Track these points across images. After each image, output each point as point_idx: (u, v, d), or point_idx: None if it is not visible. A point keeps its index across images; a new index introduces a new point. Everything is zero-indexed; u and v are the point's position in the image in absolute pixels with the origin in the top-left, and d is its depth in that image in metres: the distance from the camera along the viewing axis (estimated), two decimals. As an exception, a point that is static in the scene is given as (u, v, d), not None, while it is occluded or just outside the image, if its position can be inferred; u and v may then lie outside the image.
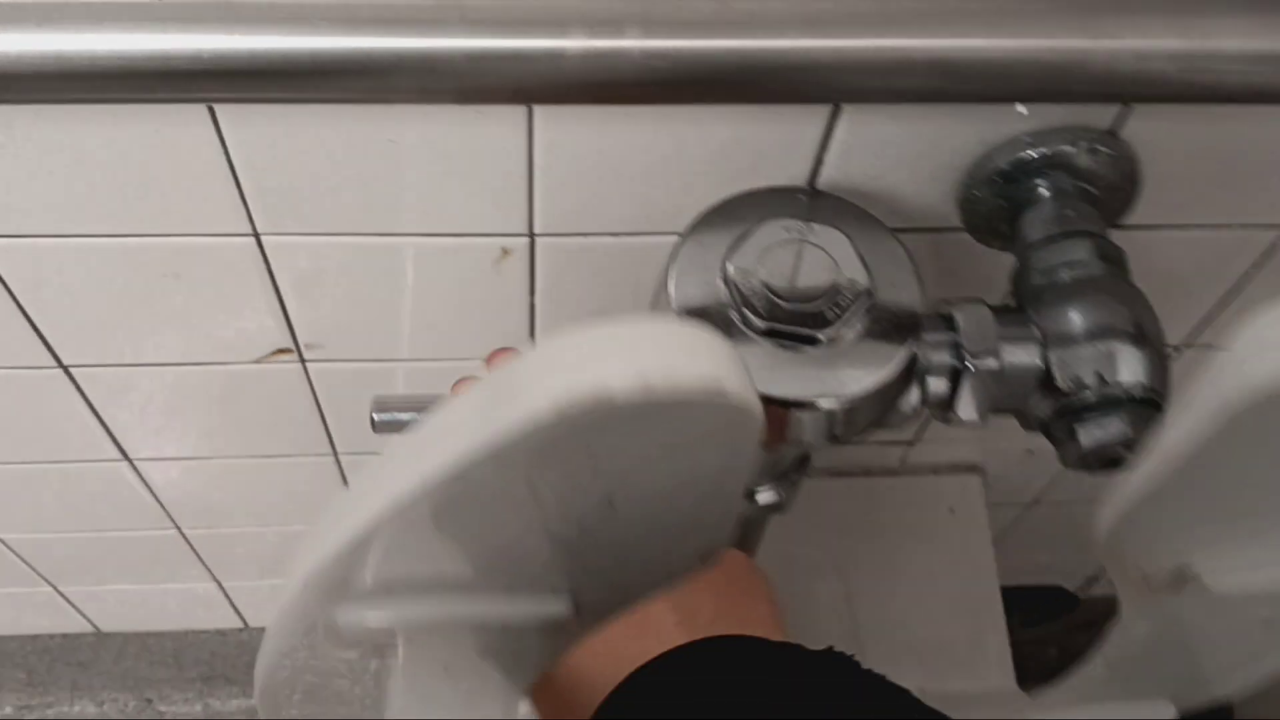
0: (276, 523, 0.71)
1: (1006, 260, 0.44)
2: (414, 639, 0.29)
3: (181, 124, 0.39)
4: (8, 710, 0.98)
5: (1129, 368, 0.37)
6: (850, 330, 0.36)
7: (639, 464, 0.23)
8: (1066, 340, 0.39)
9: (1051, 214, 0.43)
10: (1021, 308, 0.41)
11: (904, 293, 0.38)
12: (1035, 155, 0.43)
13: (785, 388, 0.34)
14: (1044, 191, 0.43)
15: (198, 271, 0.48)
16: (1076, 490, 0.75)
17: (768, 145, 0.40)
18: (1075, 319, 0.39)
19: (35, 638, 0.89)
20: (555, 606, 0.28)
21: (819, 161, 0.42)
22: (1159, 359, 0.37)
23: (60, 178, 0.42)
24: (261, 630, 0.90)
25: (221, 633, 0.91)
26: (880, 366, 0.35)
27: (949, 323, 0.39)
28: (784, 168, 0.42)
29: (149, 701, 0.98)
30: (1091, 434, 0.37)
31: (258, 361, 0.54)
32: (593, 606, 0.29)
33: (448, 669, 0.31)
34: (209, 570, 0.78)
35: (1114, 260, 0.42)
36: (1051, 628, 1.03)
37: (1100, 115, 0.42)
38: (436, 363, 0.54)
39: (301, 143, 0.40)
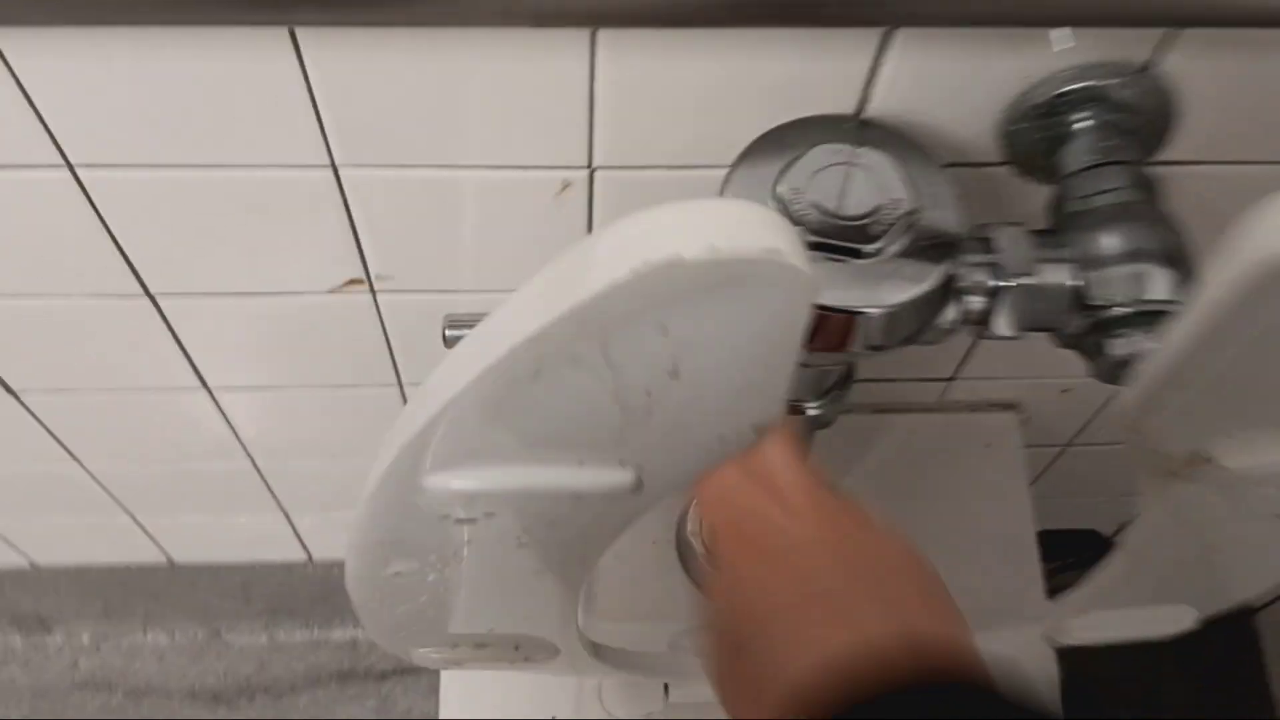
0: (343, 455, 0.75)
1: (1046, 196, 0.46)
2: (492, 509, 0.32)
3: (267, 57, 0.42)
4: (85, 639, 1.03)
5: (1159, 286, 0.40)
6: (893, 246, 0.38)
7: (703, 332, 0.26)
8: (1100, 262, 0.41)
9: (1089, 146, 0.45)
10: (1057, 231, 0.43)
11: (945, 215, 0.40)
12: (1074, 89, 0.45)
13: (831, 297, 0.36)
14: (1082, 125, 0.45)
15: (278, 204, 0.51)
16: (1111, 433, 0.77)
17: (818, 77, 0.43)
18: (1108, 242, 0.41)
19: (112, 569, 0.94)
20: (620, 477, 0.31)
21: (866, 96, 0.44)
22: (1189, 277, 0.40)
23: (154, 111, 0.45)
24: (327, 564, 0.94)
25: (288, 566, 0.95)
26: (921, 281, 0.38)
27: (987, 244, 0.41)
28: (834, 101, 0.44)
29: (217, 632, 1.03)
30: (1122, 347, 0.39)
31: (331, 292, 0.57)
32: (653, 480, 0.32)
33: (520, 540, 0.34)
34: (278, 503, 0.82)
35: (1148, 189, 0.44)
36: (1085, 573, 1.04)
37: (1139, 49, 0.44)
38: (500, 294, 0.56)
39: (379, 73, 0.43)
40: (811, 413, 0.46)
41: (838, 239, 0.37)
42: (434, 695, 1.01)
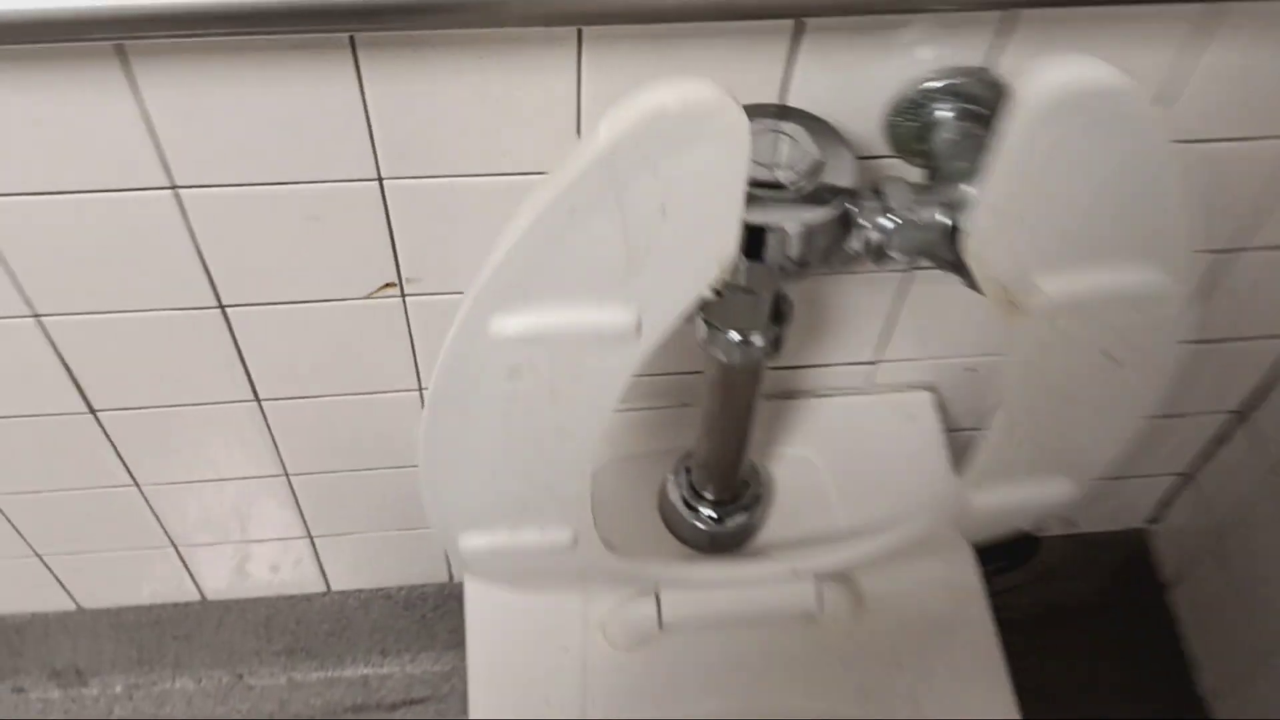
0: (367, 468, 0.87)
1: (923, 175, 0.61)
2: (533, 359, 0.45)
3: (333, 82, 0.56)
4: (119, 689, 1.12)
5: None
6: (807, 185, 0.52)
7: (680, 171, 0.39)
8: (963, 205, 0.56)
9: (950, 129, 0.61)
10: (930, 185, 0.58)
11: (847, 171, 0.55)
12: (935, 87, 0.60)
13: (760, 217, 0.50)
14: (943, 114, 0.61)
15: (331, 214, 0.64)
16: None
17: (744, 73, 0.58)
18: (966, 189, 0.56)
19: (150, 609, 1.04)
20: (626, 316, 0.44)
21: (784, 94, 0.59)
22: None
23: (233, 134, 0.59)
24: (344, 594, 1.04)
25: (307, 598, 1.05)
26: (825, 207, 0.52)
27: (878, 192, 0.56)
28: (759, 95, 0.59)
29: (240, 677, 1.13)
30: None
31: (368, 297, 0.70)
32: (648, 320, 0.45)
33: (552, 391, 0.47)
34: (305, 525, 0.93)
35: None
36: (1016, 576, 1.16)
37: (979, 53, 0.59)
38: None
39: (424, 92, 0.57)
40: (756, 341, 0.59)
41: (767, 181, 0.51)
42: (450, 708, 1.11)
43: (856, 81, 0.59)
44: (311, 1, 0.48)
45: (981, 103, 0.61)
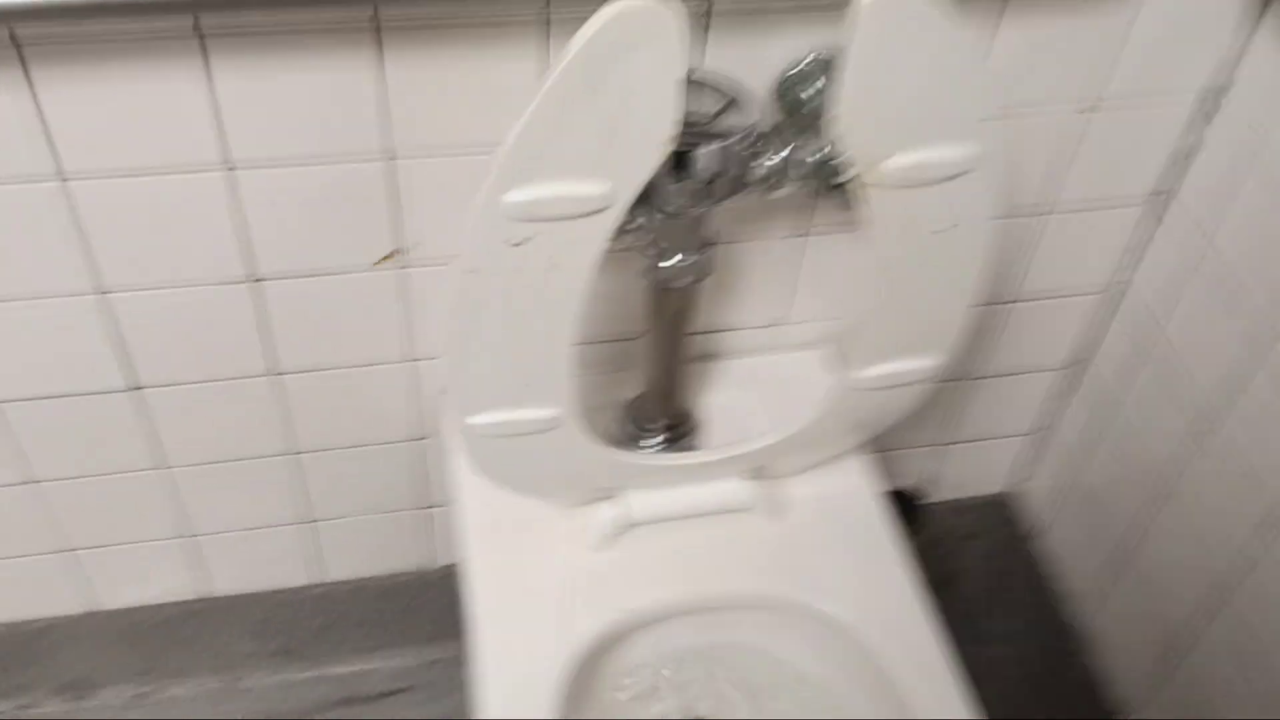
0: (361, 445, 1.02)
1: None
2: (534, 233, 0.63)
3: (358, 70, 0.75)
4: (128, 696, 1.22)
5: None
6: (722, 122, 0.72)
7: (636, 62, 0.58)
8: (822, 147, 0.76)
9: (824, 93, 0.82)
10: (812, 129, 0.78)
11: (750, 114, 0.75)
12: (812, 60, 0.81)
13: (686, 144, 0.70)
14: (819, 83, 0.82)
15: (359, 189, 0.82)
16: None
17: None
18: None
19: (161, 607, 1.15)
20: (603, 187, 0.63)
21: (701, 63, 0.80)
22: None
23: (277, 117, 0.77)
24: (343, 582, 1.17)
25: (303, 589, 1.17)
26: (736, 137, 0.72)
27: (777, 131, 0.76)
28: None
29: (237, 679, 1.24)
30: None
31: (374, 265, 0.88)
32: (616, 193, 0.63)
33: (551, 262, 0.65)
34: (310, 503, 1.07)
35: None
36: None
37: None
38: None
39: (435, 76, 0.76)
40: (685, 263, 0.78)
41: (693, 120, 0.71)
42: (430, 700, 1.23)
43: (755, 57, 0.79)
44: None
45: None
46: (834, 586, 0.90)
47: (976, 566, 1.34)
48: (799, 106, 0.81)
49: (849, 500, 0.95)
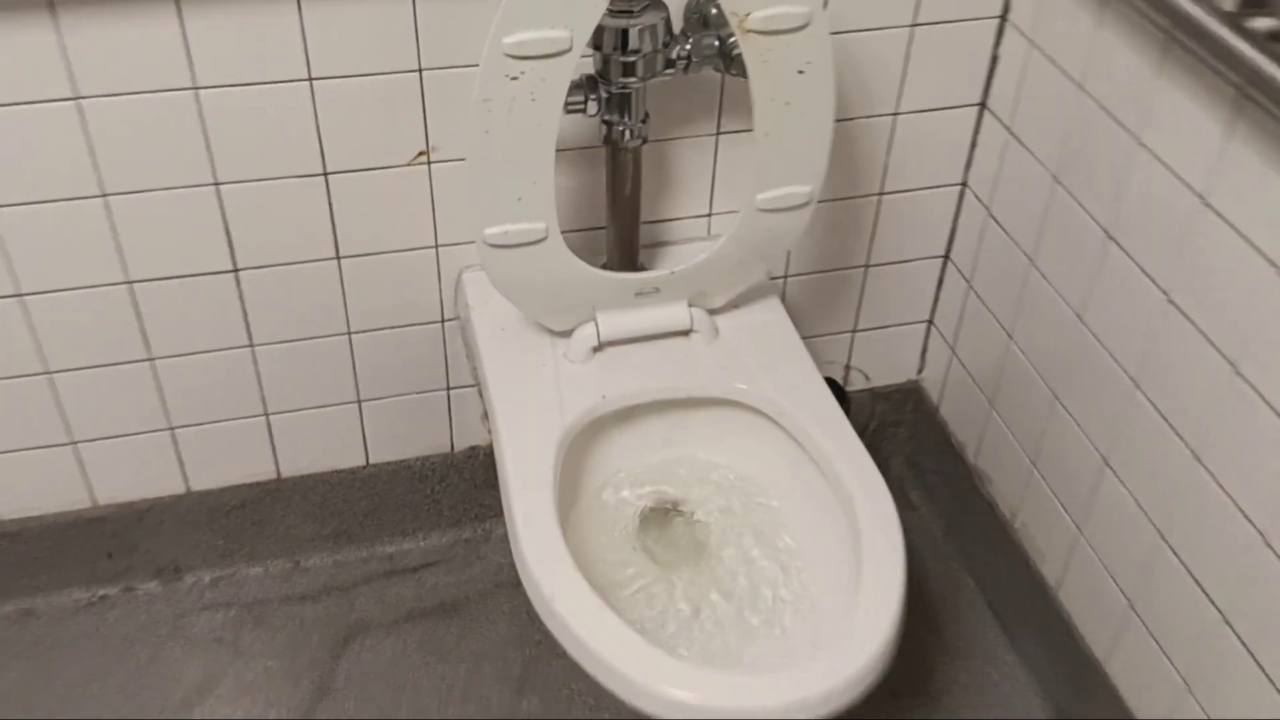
0: (405, 322, 1.34)
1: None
2: (524, 70, 0.98)
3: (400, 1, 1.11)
4: (206, 579, 1.51)
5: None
6: (649, 13, 1.08)
7: None
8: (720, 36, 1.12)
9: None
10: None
11: (668, 11, 1.11)
12: (706, -3, 1.17)
13: (621, 23, 1.05)
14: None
15: (398, 98, 1.17)
16: (821, 263, 1.43)
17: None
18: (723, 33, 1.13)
19: (241, 488, 1.44)
20: (565, 33, 0.97)
21: (629, 6, 1.16)
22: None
23: (344, 40, 1.12)
24: (383, 464, 1.47)
25: (351, 473, 1.47)
26: (660, 19, 1.08)
27: (685, 30, 1.12)
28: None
29: (300, 560, 1.52)
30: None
31: (408, 164, 1.22)
32: (576, 39, 0.97)
33: (532, 96, 0.99)
34: (359, 383, 1.38)
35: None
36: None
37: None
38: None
39: (462, 3, 1.12)
40: (629, 127, 1.13)
41: (625, 7, 1.07)
42: (455, 572, 1.51)
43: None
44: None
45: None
46: (759, 382, 1.21)
47: (900, 447, 1.64)
48: (705, 19, 1.17)
49: (768, 327, 1.27)
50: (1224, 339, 1.03)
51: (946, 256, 1.48)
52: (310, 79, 1.14)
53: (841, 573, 1.08)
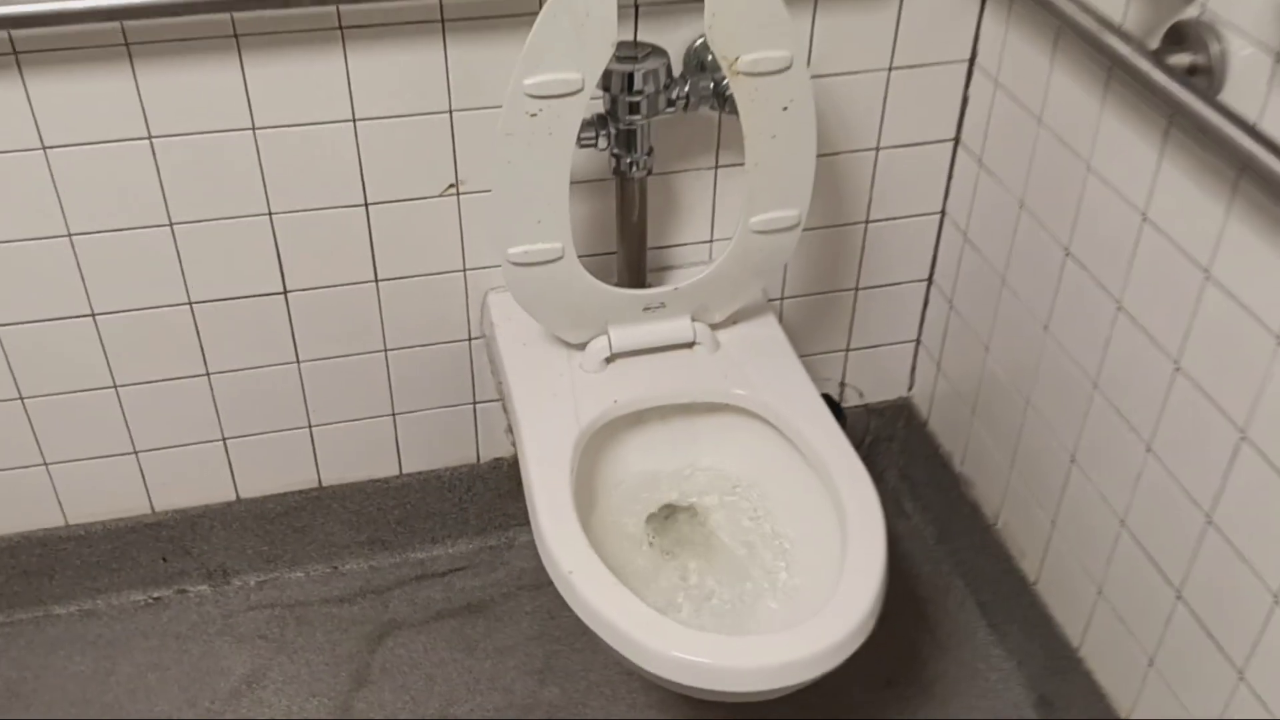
0: (435, 340, 1.48)
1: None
2: (541, 108, 1.12)
3: (426, 48, 1.26)
4: (252, 582, 1.63)
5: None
6: (651, 59, 1.23)
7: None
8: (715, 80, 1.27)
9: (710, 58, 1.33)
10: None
11: (669, 62, 1.26)
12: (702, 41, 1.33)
13: (627, 68, 1.20)
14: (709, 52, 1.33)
15: (431, 137, 1.32)
16: (815, 286, 1.57)
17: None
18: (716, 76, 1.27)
19: (286, 496, 1.57)
20: (577, 75, 1.12)
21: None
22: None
23: (384, 86, 1.27)
24: (414, 474, 1.60)
25: (385, 482, 1.60)
26: (661, 64, 1.22)
27: (685, 73, 1.27)
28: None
29: (335, 568, 1.65)
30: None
31: (440, 195, 1.36)
32: (587, 82, 1.12)
33: (549, 131, 1.14)
34: (393, 397, 1.51)
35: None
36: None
37: (720, 30, 1.32)
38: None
39: (488, 47, 1.27)
40: (636, 160, 1.27)
41: (630, 54, 1.22)
42: (481, 576, 1.64)
43: (670, 33, 1.30)
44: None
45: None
46: (755, 387, 1.34)
47: (894, 461, 1.76)
48: (701, 64, 1.32)
49: (764, 340, 1.41)
50: (1167, 339, 1.16)
51: (930, 279, 1.61)
52: (354, 119, 1.29)
53: (830, 554, 1.20)
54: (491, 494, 1.64)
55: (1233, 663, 1.13)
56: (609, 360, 1.36)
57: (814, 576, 1.23)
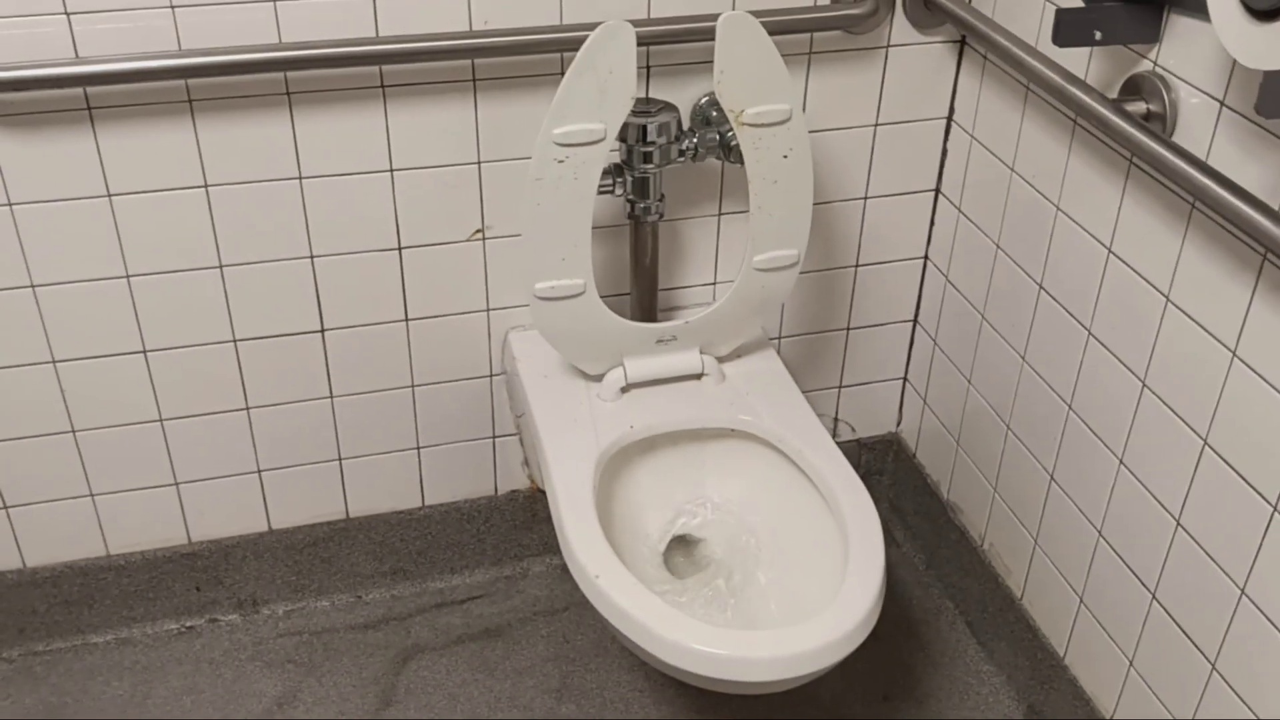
0: (459, 376, 1.59)
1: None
2: (567, 156, 1.25)
3: (458, 106, 1.39)
4: (280, 611, 1.72)
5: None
6: (663, 113, 1.36)
7: (613, 54, 1.22)
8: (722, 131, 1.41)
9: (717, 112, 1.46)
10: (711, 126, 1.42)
11: (679, 115, 1.39)
12: (709, 98, 1.46)
13: (641, 120, 1.33)
14: (716, 109, 1.46)
15: (461, 185, 1.44)
16: (809, 326, 1.69)
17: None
18: (721, 129, 1.41)
19: (314, 527, 1.67)
20: (600, 127, 1.25)
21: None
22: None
23: (419, 139, 1.40)
24: (436, 506, 1.70)
25: (408, 514, 1.69)
26: (673, 117, 1.36)
27: (693, 126, 1.41)
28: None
29: (359, 597, 1.74)
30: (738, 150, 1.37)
31: (467, 240, 1.48)
32: (609, 132, 1.25)
33: (575, 175, 1.26)
34: (417, 433, 1.62)
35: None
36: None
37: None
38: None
39: (508, 111, 1.40)
40: (648, 205, 1.40)
41: (644, 109, 1.35)
42: (498, 603, 1.73)
43: (679, 90, 1.44)
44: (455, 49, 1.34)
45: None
46: (759, 414, 1.45)
47: (884, 493, 1.88)
48: (707, 119, 1.46)
49: (766, 373, 1.52)
50: (1133, 360, 1.28)
51: (915, 320, 1.74)
52: (391, 170, 1.41)
53: (834, 558, 1.31)
54: (508, 525, 1.74)
55: (1206, 656, 1.24)
56: (624, 390, 1.47)
57: (818, 581, 1.34)
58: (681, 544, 1.46)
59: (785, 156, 1.35)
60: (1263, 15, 0.89)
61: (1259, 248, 1.09)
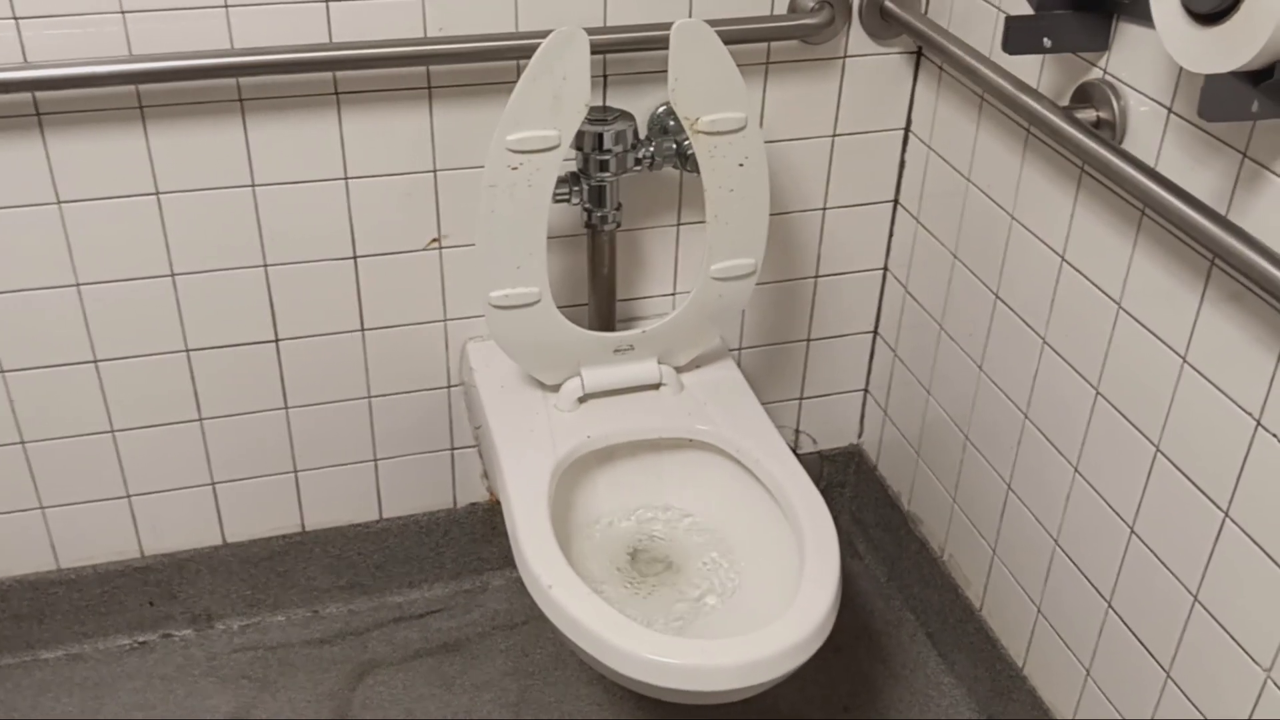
0: (416, 387, 1.57)
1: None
2: (521, 162, 1.25)
3: (416, 112, 1.38)
4: (235, 626, 1.70)
5: (694, 131, 1.39)
6: (619, 121, 1.36)
7: (569, 62, 1.22)
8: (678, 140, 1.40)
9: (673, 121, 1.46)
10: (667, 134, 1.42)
11: (635, 124, 1.39)
12: (664, 109, 1.46)
13: (598, 129, 1.33)
14: (671, 118, 1.46)
15: (416, 194, 1.43)
16: (770, 337, 1.69)
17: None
18: (679, 137, 1.41)
19: (270, 540, 1.65)
20: (554, 132, 1.24)
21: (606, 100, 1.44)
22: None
23: (372, 147, 1.39)
24: (394, 519, 1.68)
25: (365, 527, 1.68)
26: (629, 126, 1.36)
27: (649, 136, 1.40)
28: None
29: (318, 609, 1.72)
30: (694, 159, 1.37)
31: (425, 248, 1.47)
32: (563, 139, 1.24)
33: (529, 183, 1.26)
34: (375, 442, 1.60)
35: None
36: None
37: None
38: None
39: (462, 119, 1.39)
40: (605, 214, 1.39)
41: (600, 117, 1.35)
42: (457, 617, 1.71)
43: (635, 100, 1.44)
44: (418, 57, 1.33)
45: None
46: (717, 424, 1.45)
47: (846, 505, 1.87)
48: (664, 128, 1.46)
49: (724, 382, 1.52)
50: (1087, 368, 1.29)
51: (875, 331, 1.74)
52: (346, 178, 1.41)
53: (789, 568, 1.30)
54: (467, 538, 1.73)
55: (1160, 664, 1.24)
56: (581, 400, 1.46)
57: (773, 590, 1.33)
58: (639, 554, 1.45)
59: (741, 165, 1.35)
60: (1203, 19, 0.90)
61: (1207, 253, 1.09)
